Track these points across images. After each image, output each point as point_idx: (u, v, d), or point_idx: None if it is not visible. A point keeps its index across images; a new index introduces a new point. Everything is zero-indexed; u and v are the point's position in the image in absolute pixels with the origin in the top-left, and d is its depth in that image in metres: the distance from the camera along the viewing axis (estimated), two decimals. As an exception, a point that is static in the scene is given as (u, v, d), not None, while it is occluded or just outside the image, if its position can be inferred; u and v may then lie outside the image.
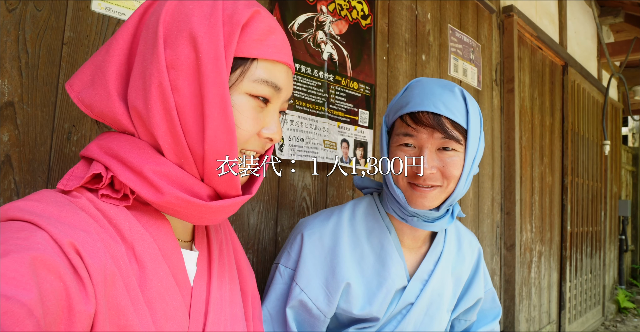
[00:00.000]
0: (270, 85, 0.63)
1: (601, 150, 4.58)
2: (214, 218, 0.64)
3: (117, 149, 0.59)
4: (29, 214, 0.50)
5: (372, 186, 1.19)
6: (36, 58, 0.91)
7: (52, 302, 0.44)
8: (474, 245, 1.22)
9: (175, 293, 0.60)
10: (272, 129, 0.66)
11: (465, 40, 2.46)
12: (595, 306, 4.58)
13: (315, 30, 1.54)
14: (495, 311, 1.27)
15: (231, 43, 0.59)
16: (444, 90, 0.96)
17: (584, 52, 4.41)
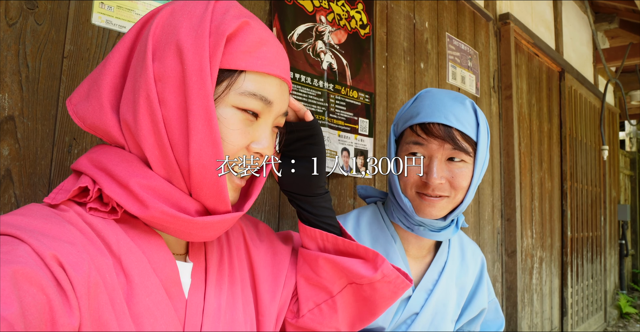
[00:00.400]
0: (259, 99, 0.61)
1: (599, 155, 4.59)
2: (202, 234, 0.62)
3: (105, 161, 0.59)
4: (11, 228, 0.49)
5: (376, 195, 1.18)
6: (36, 72, 0.91)
7: (34, 315, 0.43)
8: (477, 255, 1.22)
9: (166, 307, 0.58)
10: (262, 144, 0.64)
11: (463, 48, 2.47)
12: (597, 311, 4.56)
13: (314, 40, 1.55)
14: (498, 321, 1.26)
15: (216, 54, 0.57)
16: (455, 103, 0.97)
17: (580, 58, 4.44)
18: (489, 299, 1.24)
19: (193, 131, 0.56)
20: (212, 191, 0.60)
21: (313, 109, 1.51)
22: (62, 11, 0.95)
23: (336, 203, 1.61)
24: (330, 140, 1.56)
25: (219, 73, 0.59)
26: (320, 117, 1.53)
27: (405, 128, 1.01)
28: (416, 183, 0.98)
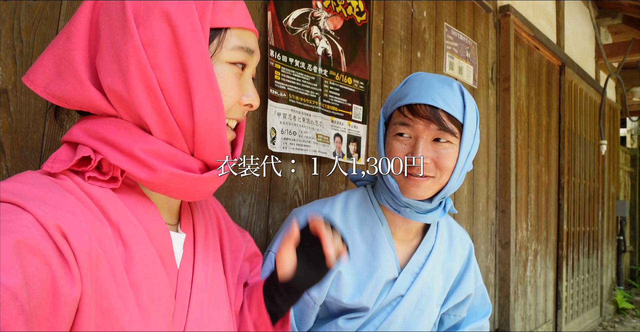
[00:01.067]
0: (245, 51, 0.66)
1: (598, 150, 4.59)
2: (204, 191, 0.65)
3: (102, 131, 0.59)
4: (13, 196, 0.49)
5: (366, 179, 1.20)
6: (31, 47, 0.93)
7: (37, 286, 0.44)
8: (465, 241, 1.23)
9: (161, 276, 0.60)
10: (251, 96, 0.68)
11: (462, 38, 2.48)
12: (593, 306, 4.58)
13: (309, 26, 1.56)
14: (485, 308, 1.28)
15: (205, 15, 0.61)
16: (442, 85, 0.99)
17: (582, 53, 4.43)
18: (476, 285, 1.26)
19: (195, 90, 0.59)
20: (215, 146, 0.63)
21: (306, 94, 1.52)
22: (57, -11, 0.97)
23: (327, 188, 1.63)
24: (322, 126, 1.58)
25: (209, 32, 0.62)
26: (313, 102, 1.55)
27: (393, 110, 1.03)
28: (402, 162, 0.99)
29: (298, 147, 1.48)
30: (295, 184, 1.52)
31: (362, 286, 1.05)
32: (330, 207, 1.10)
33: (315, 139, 1.54)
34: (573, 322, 3.95)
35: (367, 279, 1.05)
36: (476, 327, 1.23)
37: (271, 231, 1.44)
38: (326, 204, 1.12)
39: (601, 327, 4.69)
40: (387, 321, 1.07)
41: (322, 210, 1.09)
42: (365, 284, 1.05)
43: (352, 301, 1.04)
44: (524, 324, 3.07)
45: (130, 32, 0.57)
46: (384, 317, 1.07)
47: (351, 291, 1.05)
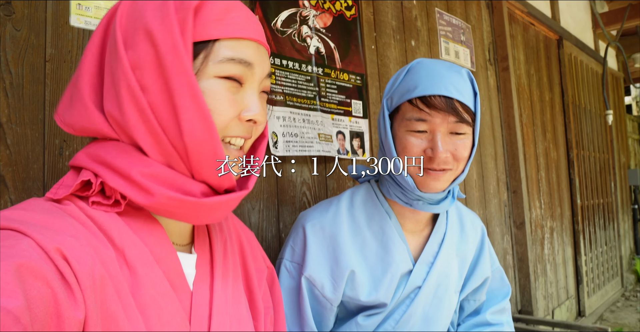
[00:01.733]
0: (238, 62, 0.61)
1: (605, 121, 4.53)
2: (211, 216, 0.62)
3: (104, 155, 0.59)
4: (14, 222, 0.49)
5: (368, 174, 1.18)
6: (20, 78, 0.92)
7: (40, 309, 0.44)
8: (476, 224, 1.22)
9: (170, 298, 0.59)
10: (252, 110, 0.63)
11: (455, 22, 2.45)
12: (614, 277, 4.55)
13: (299, 25, 1.54)
14: (504, 289, 1.27)
15: (186, 29, 0.57)
16: (452, 73, 0.96)
17: (579, 24, 4.36)
18: (493, 267, 1.25)
19: (181, 110, 0.56)
20: (213, 167, 0.60)
21: (303, 94, 1.51)
22: (40, 15, 0.96)
23: (335, 187, 1.62)
24: (324, 124, 1.56)
25: (194, 47, 0.59)
26: (311, 101, 1.54)
27: (402, 102, 0.99)
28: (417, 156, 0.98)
29: (301, 148, 1.46)
30: (303, 186, 1.51)
31: (378, 282, 1.04)
32: (336, 207, 1.09)
33: (318, 138, 1.52)
34: (595, 296, 3.92)
35: (381, 274, 1.05)
36: (497, 310, 1.22)
37: (283, 235, 1.43)
38: (331, 204, 1.10)
39: (624, 298, 4.65)
40: (407, 313, 1.06)
41: (328, 212, 1.08)
42: (381, 280, 1.04)
43: (369, 298, 1.04)
44: (546, 302, 3.05)
45: (120, 56, 0.57)
46: (403, 310, 1.07)
47: (367, 288, 1.04)
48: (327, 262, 1.03)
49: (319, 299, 1.03)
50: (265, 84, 0.67)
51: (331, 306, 1.04)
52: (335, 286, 1.02)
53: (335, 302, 1.04)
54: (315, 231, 1.05)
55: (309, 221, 1.07)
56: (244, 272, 0.80)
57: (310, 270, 1.02)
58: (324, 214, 1.08)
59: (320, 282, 1.02)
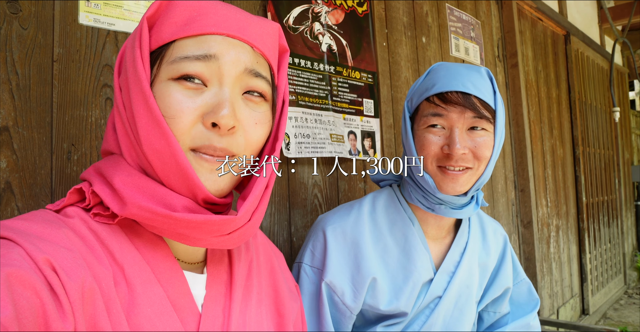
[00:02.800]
0: (194, 59, 0.55)
1: (610, 117, 4.49)
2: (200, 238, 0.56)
3: (103, 165, 0.59)
4: (9, 231, 0.49)
5: (390, 178, 1.15)
6: (27, 79, 0.88)
7: (28, 319, 0.43)
8: (498, 233, 1.19)
9: (170, 319, 0.56)
10: (216, 112, 0.55)
11: (465, 18, 2.40)
12: (617, 274, 4.54)
13: (311, 23, 1.49)
14: (532, 303, 1.20)
15: (142, 38, 0.56)
16: (470, 71, 0.96)
17: (585, 19, 4.31)
18: (518, 279, 1.20)
19: (137, 118, 0.55)
20: (177, 176, 0.55)
21: (315, 94, 1.47)
22: (47, 13, 0.91)
23: (347, 188, 1.58)
24: (335, 124, 1.52)
25: (152, 55, 0.57)
26: (323, 101, 1.49)
27: (420, 101, 0.98)
28: (437, 156, 0.95)
29: (313, 149, 1.42)
30: (314, 188, 1.47)
31: (399, 291, 1.01)
32: (358, 212, 1.05)
33: (330, 139, 1.48)
34: (599, 294, 3.91)
35: (403, 283, 1.01)
36: (521, 326, 1.17)
37: (294, 239, 1.40)
38: (353, 208, 1.06)
39: (627, 296, 4.65)
40: (427, 324, 1.03)
41: (350, 216, 1.04)
42: (402, 289, 1.01)
43: (389, 308, 1.00)
44: (551, 301, 3.03)
45: (114, 81, 0.60)
46: (423, 320, 1.03)
47: (388, 297, 1.00)
48: (348, 269, 1.00)
49: (338, 306, 0.99)
50: (249, 83, 0.59)
51: (351, 313, 1.00)
52: (356, 294, 0.99)
53: (355, 311, 1.00)
54: (336, 235, 1.01)
55: (330, 225, 1.03)
56: (274, 294, 0.76)
57: (331, 276, 0.98)
58: (345, 218, 1.04)
59: (340, 289, 0.98)
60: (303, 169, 1.44)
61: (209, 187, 0.57)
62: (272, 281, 0.77)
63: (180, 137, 0.55)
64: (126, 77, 0.57)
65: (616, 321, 3.91)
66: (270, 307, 0.74)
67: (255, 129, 0.60)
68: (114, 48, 1.01)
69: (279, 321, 0.74)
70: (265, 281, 0.75)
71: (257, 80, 0.60)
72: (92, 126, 0.96)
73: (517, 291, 1.20)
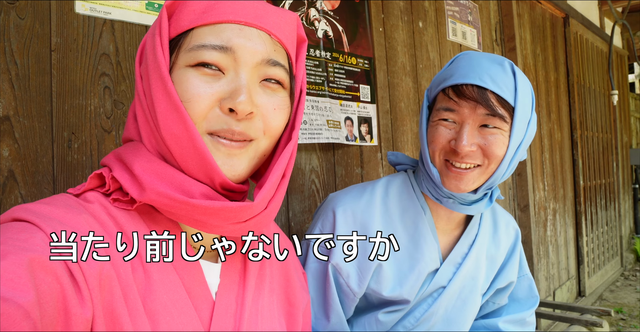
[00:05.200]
0: (211, 48, 0.56)
1: (609, 100, 4.49)
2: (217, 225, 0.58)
3: (123, 152, 0.60)
4: (31, 215, 0.50)
5: (407, 163, 1.12)
6: (26, 68, 0.89)
7: (49, 304, 0.44)
8: (510, 227, 1.16)
9: (185, 306, 0.57)
10: (233, 98, 0.56)
11: (462, 2, 2.39)
12: (614, 257, 4.59)
13: (307, 9, 1.50)
14: (531, 300, 1.19)
15: (162, 26, 0.58)
16: (492, 63, 0.90)
17: (585, 2, 4.28)
18: (522, 273, 1.18)
19: (156, 104, 0.56)
20: (195, 160, 0.56)
21: (312, 80, 1.48)
22: (44, 2, 0.92)
23: (344, 174, 1.60)
24: (332, 111, 1.53)
25: (171, 43, 0.59)
26: (319, 87, 1.50)
27: (437, 92, 0.95)
28: (445, 149, 0.92)
29: (310, 136, 1.44)
30: (312, 174, 1.49)
31: (404, 278, 1.00)
32: (370, 194, 1.03)
33: (327, 125, 1.50)
34: (595, 276, 3.96)
35: (408, 271, 1.00)
36: (515, 320, 1.16)
37: (292, 224, 1.42)
38: (365, 190, 1.04)
39: (623, 277, 4.71)
40: (428, 312, 1.03)
41: (362, 199, 1.03)
42: (407, 277, 1.00)
43: (392, 294, 1.00)
44: (548, 283, 3.07)
45: (136, 70, 0.61)
46: (424, 308, 1.03)
47: (392, 283, 1.00)
48: None
49: (342, 287, 0.99)
50: (267, 72, 0.60)
51: (354, 297, 1.00)
52: (361, 278, 0.99)
53: (359, 295, 1.00)
54: (347, 217, 1.00)
55: (341, 206, 1.01)
56: (286, 283, 0.77)
57: (338, 258, 0.97)
58: (357, 200, 1.02)
59: (346, 272, 0.98)
60: (300, 155, 1.46)
61: (226, 172, 0.58)
62: (284, 270, 0.78)
63: (197, 120, 0.56)
64: (146, 65, 0.58)
65: (612, 302, 3.97)
66: (281, 296, 0.75)
67: (274, 114, 0.61)
68: (110, 37, 1.02)
69: (290, 310, 0.76)
70: (277, 271, 0.76)
71: (275, 69, 0.61)
72: (91, 115, 0.98)
73: (518, 286, 1.18)
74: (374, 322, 1.03)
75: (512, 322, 1.15)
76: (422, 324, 1.03)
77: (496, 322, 1.14)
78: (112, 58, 1.02)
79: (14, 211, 0.51)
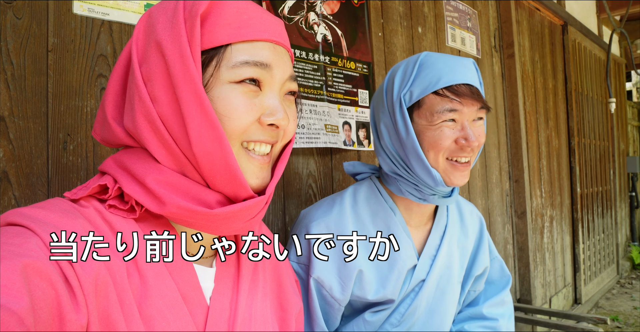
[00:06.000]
0: (253, 65, 0.58)
1: (606, 108, 4.51)
2: (229, 226, 0.59)
3: (126, 161, 0.59)
4: (27, 219, 0.50)
5: (367, 170, 1.17)
6: (22, 69, 0.88)
7: (43, 310, 0.43)
8: (475, 214, 1.23)
9: (180, 311, 0.57)
10: (274, 114, 0.60)
11: (461, 8, 2.40)
12: (610, 264, 4.59)
13: (306, 12, 1.50)
14: (504, 279, 1.26)
15: (194, 37, 0.56)
16: (464, 62, 0.97)
17: (583, 10, 4.30)
18: (492, 256, 1.25)
19: (188, 119, 0.55)
20: (225, 177, 0.57)
21: (310, 84, 1.47)
22: (41, 3, 0.92)
23: (341, 179, 1.59)
24: (330, 115, 1.53)
25: (205, 54, 0.57)
26: (318, 91, 1.50)
27: (425, 94, 0.95)
28: (449, 149, 0.96)
29: (308, 140, 1.43)
30: (309, 178, 1.48)
31: (385, 279, 1.04)
32: (340, 205, 1.07)
33: (325, 130, 1.49)
34: (592, 284, 3.95)
35: (388, 272, 1.04)
36: (496, 303, 1.22)
37: (289, 229, 1.41)
38: (335, 202, 1.08)
39: (619, 285, 4.70)
40: (412, 306, 1.07)
41: (332, 211, 1.05)
42: (388, 278, 1.04)
43: (377, 296, 1.03)
44: (544, 290, 3.07)
45: (134, 72, 0.57)
46: (408, 303, 1.07)
47: (375, 286, 1.03)
48: (334, 263, 1.01)
49: (327, 299, 1.02)
50: (290, 87, 0.64)
51: (339, 306, 1.03)
52: (344, 287, 1.01)
53: (344, 303, 1.02)
54: (321, 230, 1.03)
55: (314, 220, 1.04)
56: (278, 288, 0.77)
57: (318, 271, 1.00)
58: (328, 213, 1.05)
59: (328, 283, 1.00)
60: (297, 159, 1.45)
61: (257, 185, 0.61)
62: (276, 275, 0.78)
63: (234, 134, 0.58)
64: (161, 72, 0.56)
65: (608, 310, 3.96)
66: (274, 301, 0.75)
67: (293, 124, 0.66)
68: (108, 38, 1.01)
69: (282, 315, 0.76)
70: (270, 275, 0.76)
71: (294, 83, 0.65)
72: (87, 116, 0.97)
73: (491, 268, 1.25)
74: (362, 323, 1.05)
75: (494, 306, 1.22)
76: (407, 319, 1.06)
77: (480, 310, 1.21)
78: (109, 59, 1.01)
79: (9, 215, 0.51)
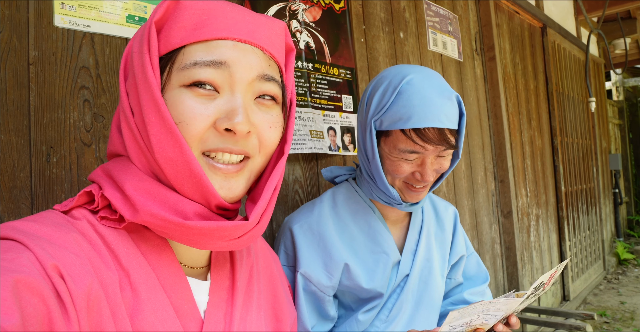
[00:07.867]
0: (204, 65, 0.55)
1: (587, 107, 4.59)
2: (211, 243, 0.57)
3: (111, 168, 0.59)
4: (19, 234, 0.49)
5: (344, 173, 1.22)
6: (3, 82, 0.88)
7: (34, 326, 0.43)
8: (449, 208, 1.28)
9: (173, 325, 0.56)
10: (230, 118, 0.55)
11: (442, 12, 2.43)
12: (596, 261, 4.65)
13: (288, 20, 1.51)
14: (482, 274, 1.31)
15: (151, 44, 0.55)
16: (444, 100, 0.94)
17: (561, 12, 4.38)
18: (468, 252, 1.30)
19: (149, 126, 0.54)
20: (191, 183, 0.55)
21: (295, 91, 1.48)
22: (22, 16, 0.92)
23: (327, 184, 1.60)
24: (315, 121, 1.54)
25: (162, 61, 0.56)
26: (302, 98, 1.51)
27: (393, 129, 0.97)
28: (407, 177, 1.01)
29: (293, 146, 1.44)
30: (295, 184, 1.49)
31: (372, 273, 1.08)
32: (320, 208, 1.11)
33: (310, 135, 1.50)
34: (579, 280, 4.00)
35: (374, 265, 1.08)
36: (477, 292, 1.26)
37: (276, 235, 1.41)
38: (315, 205, 1.12)
39: (606, 281, 4.77)
40: (399, 301, 1.10)
41: (313, 213, 1.10)
42: (374, 271, 1.08)
43: (369, 286, 1.06)
44: (533, 288, 3.09)
45: (120, 86, 0.59)
46: (395, 298, 1.11)
47: (364, 278, 1.07)
48: (320, 258, 1.05)
49: (317, 294, 1.04)
50: (262, 88, 0.59)
51: (329, 297, 1.05)
52: (331, 277, 1.05)
53: (332, 291, 1.06)
54: (304, 231, 1.07)
55: (296, 223, 1.08)
56: (273, 299, 0.77)
57: (305, 266, 1.03)
58: (309, 215, 1.09)
59: (316, 277, 1.03)
60: (284, 165, 1.46)
61: (224, 195, 0.58)
62: (271, 286, 0.78)
63: (192, 142, 0.55)
64: (134, 83, 0.56)
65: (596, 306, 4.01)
66: (268, 312, 0.75)
67: (270, 132, 0.60)
68: (90, 50, 1.01)
69: (277, 326, 0.75)
70: (265, 286, 0.76)
71: (269, 85, 0.60)
72: (70, 128, 0.97)
73: (467, 264, 1.30)
74: (355, 323, 1.08)
75: (475, 294, 1.27)
76: (395, 313, 1.10)
77: (462, 296, 1.26)
78: (92, 71, 1.01)
79: (0, 229, 0.50)
